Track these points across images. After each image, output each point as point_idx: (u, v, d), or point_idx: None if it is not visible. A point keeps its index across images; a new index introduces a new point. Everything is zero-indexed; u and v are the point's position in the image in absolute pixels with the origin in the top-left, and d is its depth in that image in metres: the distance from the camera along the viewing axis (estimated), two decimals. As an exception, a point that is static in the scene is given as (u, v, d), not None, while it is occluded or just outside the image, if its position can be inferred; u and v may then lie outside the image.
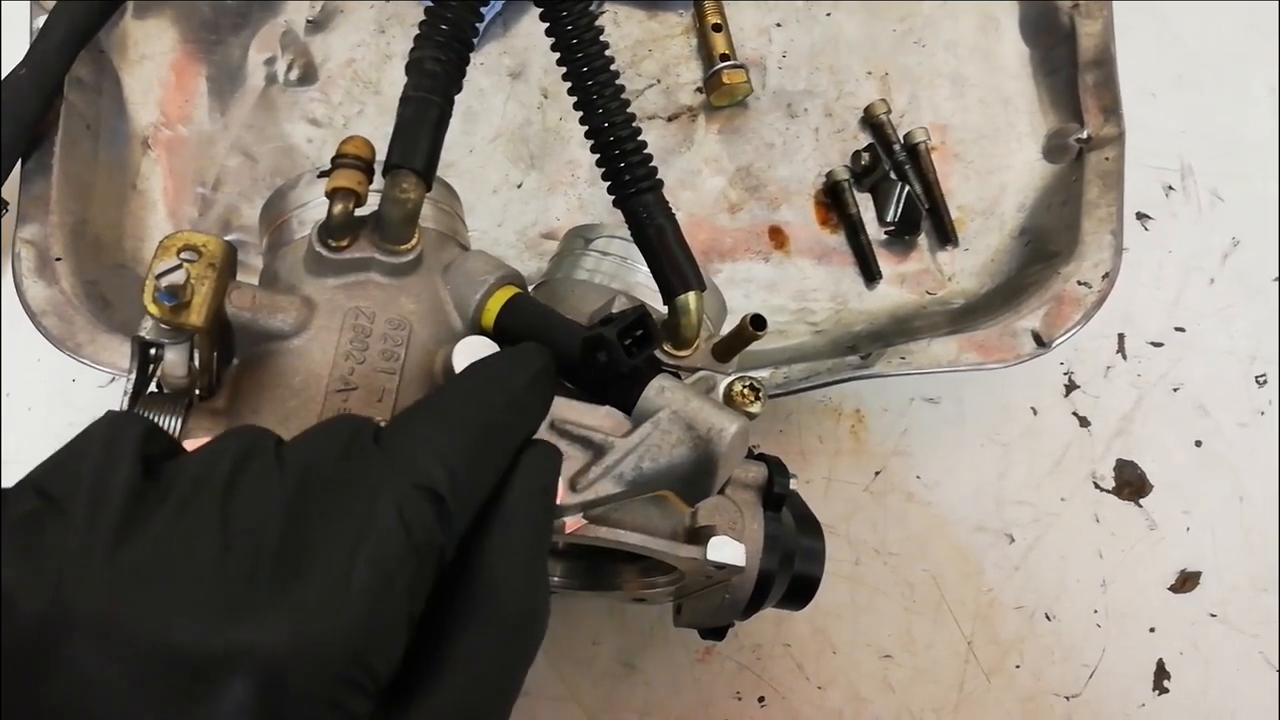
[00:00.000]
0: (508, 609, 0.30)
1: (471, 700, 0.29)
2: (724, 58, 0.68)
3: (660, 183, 0.43)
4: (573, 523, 0.38)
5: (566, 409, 0.38)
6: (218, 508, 0.27)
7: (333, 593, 0.26)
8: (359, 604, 0.26)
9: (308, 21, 0.69)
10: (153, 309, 0.36)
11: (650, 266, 0.43)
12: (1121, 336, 0.71)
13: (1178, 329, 0.71)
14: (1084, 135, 0.66)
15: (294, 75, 0.69)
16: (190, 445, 0.31)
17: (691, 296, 0.42)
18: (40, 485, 0.27)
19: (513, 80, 0.70)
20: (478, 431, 0.32)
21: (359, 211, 0.40)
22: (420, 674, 0.28)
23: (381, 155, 0.40)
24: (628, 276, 0.48)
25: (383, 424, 0.32)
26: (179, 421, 0.37)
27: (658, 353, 0.43)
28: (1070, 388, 0.69)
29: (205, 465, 0.28)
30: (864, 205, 0.68)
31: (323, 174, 0.41)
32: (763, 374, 0.59)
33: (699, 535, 0.42)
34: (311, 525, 0.27)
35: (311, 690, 0.24)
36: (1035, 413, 0.69)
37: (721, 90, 0.68)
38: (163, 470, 0.28)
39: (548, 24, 0.42)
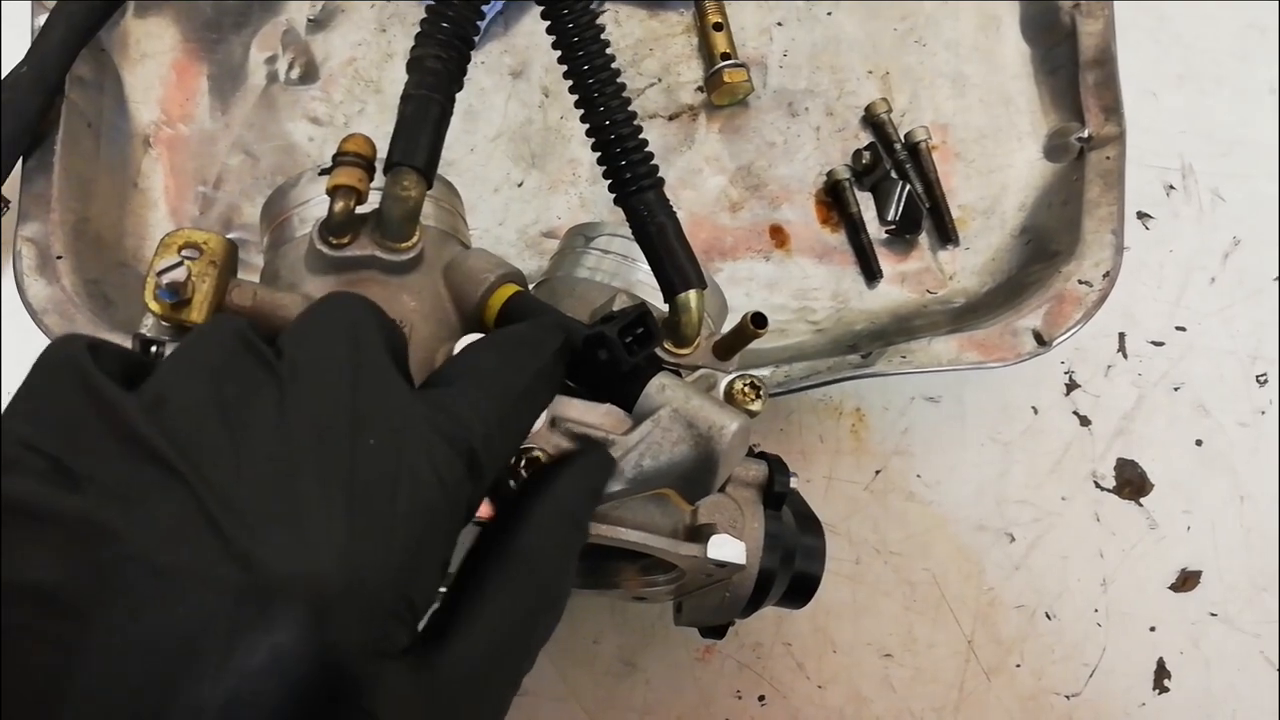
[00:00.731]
0: (538, 583, 0.32)
1: (493, 655, 0.30)
2: (725, 57, 0.68)
3: (661, 181, 0.43)
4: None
5: (567, 406, 0.38)
6: (240, 435, 0.26)
7: (382, 527, 0.26)
8: (406, 539, 0.27)
9: (309, 20, 0.69)
10: (154, 306, 0.36)
11: (651, 265, 0.43)
12: (1122, 335, 0.71)
13: (1179, 328, 0.71)
14: (1085, 134, 0.66)
15: (295, 74, 0.69)
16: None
17: (692, 294, 0.42)
18: (30, 442, 0.26)
19: (514, 79, 0.70)
20: (515, 395, 0.33)
21: (360, 209, 0.40)
22: (447, 624, 0.30)
23: (382, 153, 0.40)
24: (629, 275, 0.48)
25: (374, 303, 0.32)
26: None
27: (659, 351, 0.43)
28: (1071, 387, 0.69)
29: (201, 383, 0.27)
30: (865, 204, 0.68)
31: (324, 172, 0.41)
32: (763, 372, 0.59)
33: (699, 533, 0.42)
34: (343, 453, 0.27)
35: (362, 617, 0.25)
36: (1036, 412, 0.69)
37: (722, 89, 0.68)
38: (152, 395, 0.27)
39: (549, 23, 0.42)
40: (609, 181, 0.43)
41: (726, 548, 0.41)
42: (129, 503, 0.25)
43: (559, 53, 0.42)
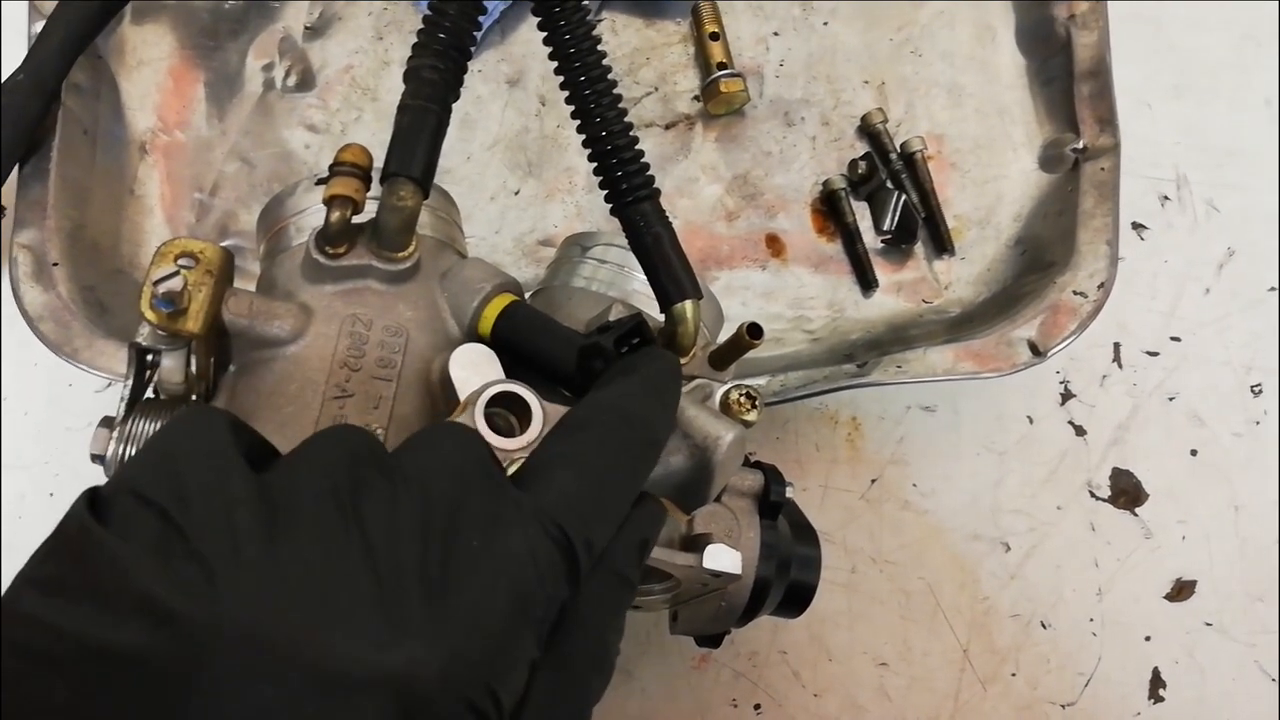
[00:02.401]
0: (594, 653, 0.32)
1: None
2: (721, 66, 0.69)
3: (657, 191, 0.43)
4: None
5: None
6: (352, 524, 0.26)
7: (477, 624, 0.26)
8: (499, 637, 0.27)
9: (306, 28, 0.70)
10: (150, 316, 0.36)
11: (647, 275, 0.43)
12: (1117, 346, 0.71)
13: (1173, 339, 0.71)
14: (1080, 145, 0.66)
15: (292, 81, 0.69)
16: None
17: (688, 305, 0.42)
18: (140, 491, 0.26)
19: (510, 87, 0.70)
20: (619, 489, 0.32)
21: (356, 219, 0.40)
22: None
23: (379, 162, 0.40)
24: (625, 284, 0.48)
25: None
26: None
27: (654, 361, 0.43)
28: (1066, 397, 0.69)
29: (320, 476, 0.28)
30: (860, 214, 0.68)
31: (320, 181, 0.41)
32: (759, 382, 0.59)
33: (695, 543, 0.42)
34: (445, 550, 0.27)
35: (448, 717, 0.25)
36: (1031, 422, 0.69)
37: (719, 98, 0.68)
38: (270, 479, 0.28)
39: (545, 32, 0.42)
40: (605, 192, 0.43)
41: (722, 558, 0.41)
42: (227, 576, 0.24)
43: (555, 62, 0.43)
